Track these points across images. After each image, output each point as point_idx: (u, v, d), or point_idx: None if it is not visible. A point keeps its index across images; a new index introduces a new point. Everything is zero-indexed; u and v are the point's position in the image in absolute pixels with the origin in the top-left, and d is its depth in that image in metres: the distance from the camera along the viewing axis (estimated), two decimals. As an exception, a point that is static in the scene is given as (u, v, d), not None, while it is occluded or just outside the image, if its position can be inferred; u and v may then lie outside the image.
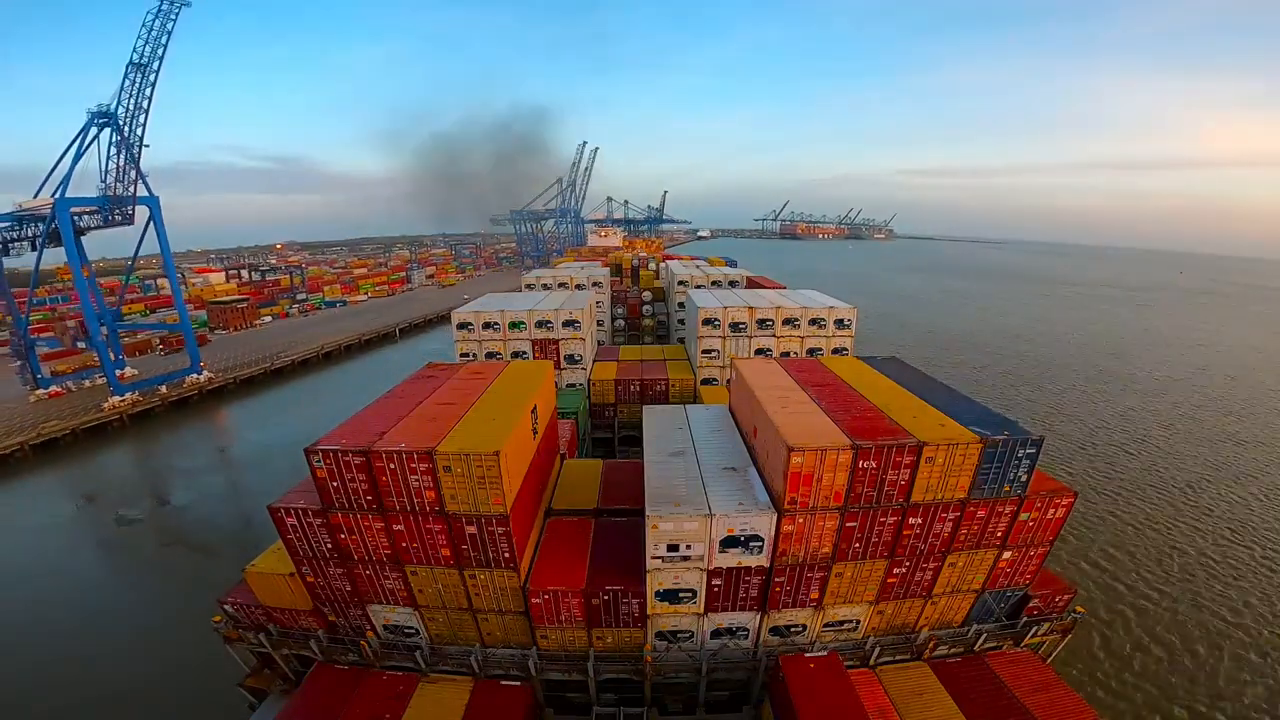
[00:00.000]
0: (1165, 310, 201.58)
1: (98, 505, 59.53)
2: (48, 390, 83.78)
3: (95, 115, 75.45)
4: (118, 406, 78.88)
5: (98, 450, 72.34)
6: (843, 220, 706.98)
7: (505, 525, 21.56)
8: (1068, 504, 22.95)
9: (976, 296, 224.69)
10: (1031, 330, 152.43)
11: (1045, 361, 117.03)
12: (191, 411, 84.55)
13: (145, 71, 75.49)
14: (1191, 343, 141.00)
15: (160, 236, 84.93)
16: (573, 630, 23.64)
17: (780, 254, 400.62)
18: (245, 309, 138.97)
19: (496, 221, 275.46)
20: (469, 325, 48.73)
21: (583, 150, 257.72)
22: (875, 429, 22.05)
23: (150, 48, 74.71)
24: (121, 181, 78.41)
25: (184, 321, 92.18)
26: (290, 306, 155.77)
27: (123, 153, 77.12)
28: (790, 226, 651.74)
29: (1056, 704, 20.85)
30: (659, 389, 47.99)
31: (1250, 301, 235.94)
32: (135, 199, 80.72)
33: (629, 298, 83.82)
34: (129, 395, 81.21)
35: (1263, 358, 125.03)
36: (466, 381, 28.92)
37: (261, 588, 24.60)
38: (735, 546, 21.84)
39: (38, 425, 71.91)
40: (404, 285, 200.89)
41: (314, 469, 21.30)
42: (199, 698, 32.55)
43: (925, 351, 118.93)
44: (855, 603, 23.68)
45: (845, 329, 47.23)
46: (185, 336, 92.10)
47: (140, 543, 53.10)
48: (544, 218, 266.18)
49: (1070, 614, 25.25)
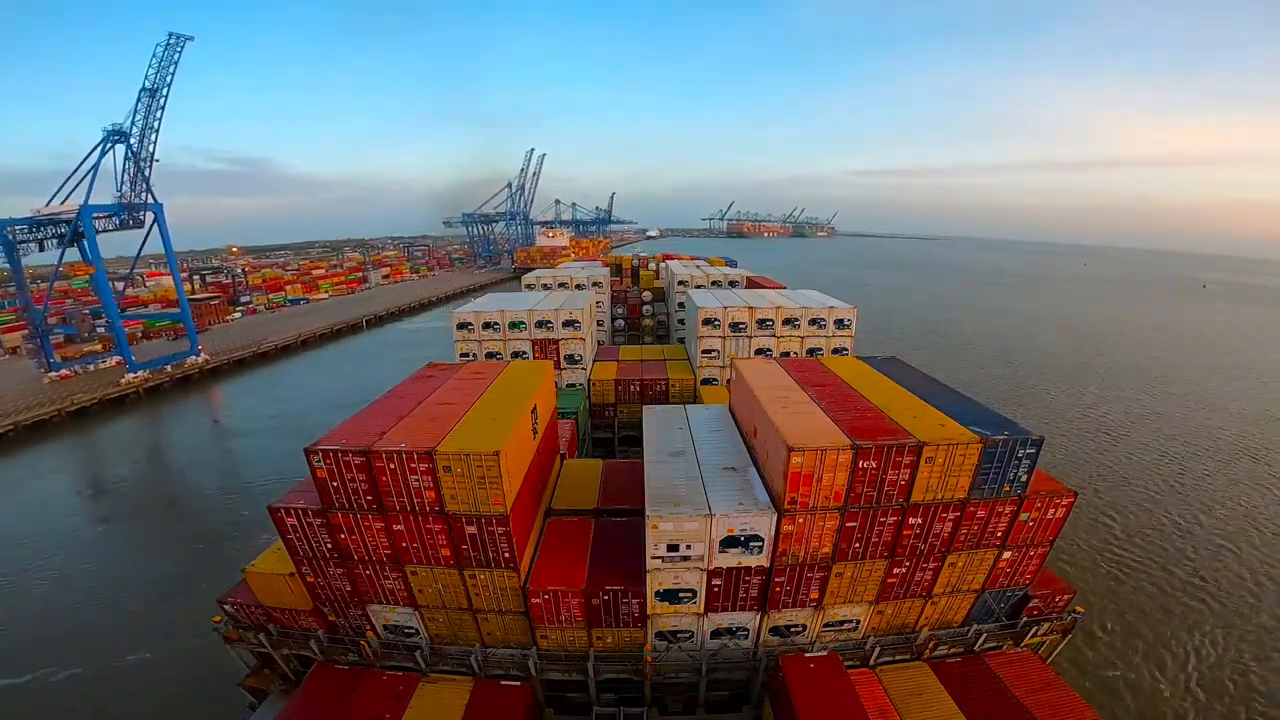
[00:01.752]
0: (1034, 294, 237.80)
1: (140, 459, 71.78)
2: (59, 373, 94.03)
3: (111, 133, 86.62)
4: (133, 382, 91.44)
5: (117, 418, 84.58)
6: (787, 219, 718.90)
7: (505, 525, 21.56)
8: (1068, 504, 22.94)
9: (879, 283, 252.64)
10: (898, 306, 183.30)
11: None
12: (193, 387, 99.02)
13: (156, 96, 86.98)
14: (1056, 320, 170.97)
15: (164, 238, 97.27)
16: (573, 630, 23.64)
17: (724, 253, 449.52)
18: (217, 305, 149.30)
19: (449, 224, 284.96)
20: (469, 325, 48.68)
21: (530, 156, 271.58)
22: (875, 429, 22.05)
23: (160, 75, 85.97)
24: (134, 190, 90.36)
25: (184, 311, 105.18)
26: (252, 305, 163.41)
27: (134, 165, 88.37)
28: (737, 225, 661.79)
29: (1056, 704, 20.85)
30: (659, 389, 47.99)
31: (1143, 288, 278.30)
32: (146, 205, 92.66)
33: (629, 298, 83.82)
34: (141, 373, 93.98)
35: (1104, 329, 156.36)
36: (467, 381, 28.92)
37: (261, 588, 24.59)
38: (735, 546, 21.84)
39: (70, 396, 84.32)
40: (362, 284, 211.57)
41: (314, 469, 21.29)
42: (199, 695, 32.64)
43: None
44: (855, 603, 23.67)
45: (845, 329, 47.25)
46: (185, 324, 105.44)
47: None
48: (494, 220, 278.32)
49: (1070, 614, 25.25)
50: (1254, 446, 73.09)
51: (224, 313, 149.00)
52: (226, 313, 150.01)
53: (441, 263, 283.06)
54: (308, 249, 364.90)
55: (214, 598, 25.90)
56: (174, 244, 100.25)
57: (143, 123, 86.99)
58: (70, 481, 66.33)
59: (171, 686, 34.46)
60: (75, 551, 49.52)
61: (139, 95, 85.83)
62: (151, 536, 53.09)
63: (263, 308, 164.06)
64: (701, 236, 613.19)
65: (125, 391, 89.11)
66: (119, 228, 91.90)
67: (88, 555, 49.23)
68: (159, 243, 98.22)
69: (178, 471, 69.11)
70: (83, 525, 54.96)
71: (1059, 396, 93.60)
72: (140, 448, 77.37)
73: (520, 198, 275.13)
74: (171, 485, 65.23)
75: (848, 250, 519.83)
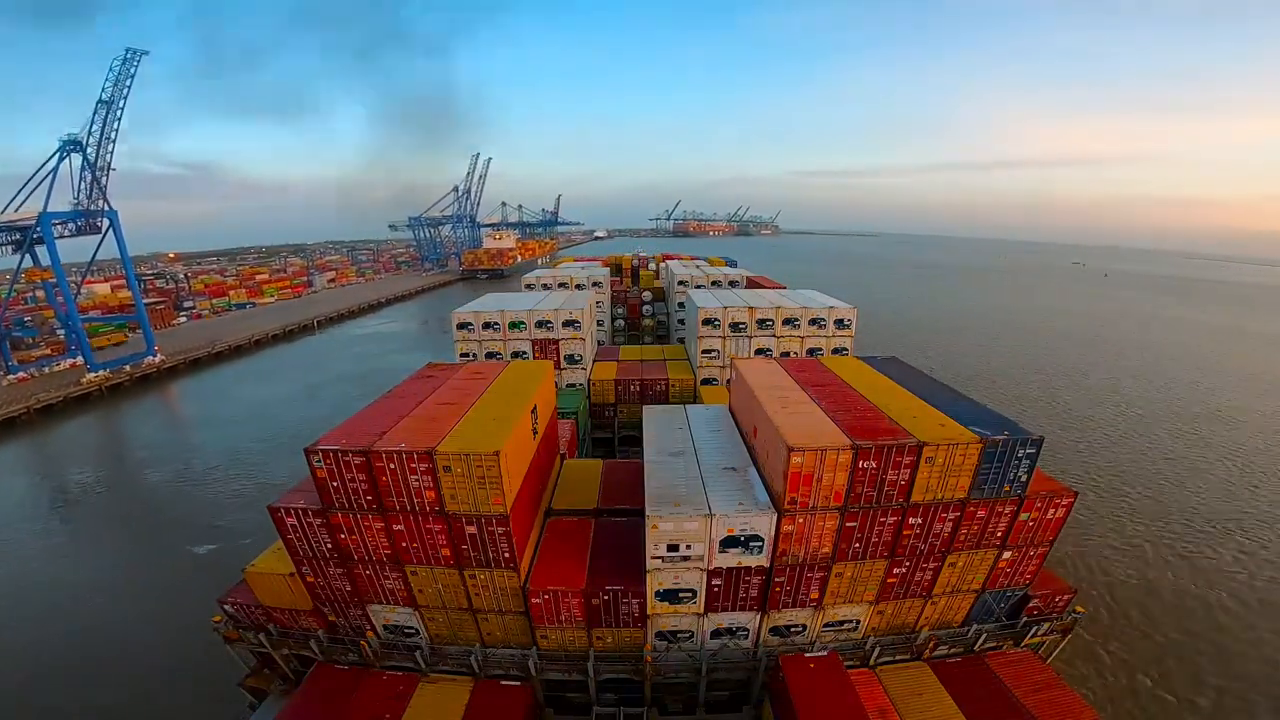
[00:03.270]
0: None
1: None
2: (16, 376, 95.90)
3: (66, 143, 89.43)
4: (94, 381, 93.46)
5: (77, 416, 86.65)
6: (732, 218, 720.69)
7: (505, 525, 21.56)
8: (1068, 504, 22.94)
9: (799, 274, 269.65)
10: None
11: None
12: (152, 385, 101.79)
13: (111, 108, 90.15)
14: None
15: (120, 244, 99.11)
16: (573, 630, 23.64)
17: (673, 252, 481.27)
18: (162, 310, 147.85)
19: (394, 227, 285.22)
20: (469, 325, 48.67)
21: (476, 160, 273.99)
22: (875, 429, 22.05)
23: (116, 89, 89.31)
24: (90, 198, 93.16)
25: (141, 314, 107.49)
26: (197, 310, 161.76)
27: (91, 174, 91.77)
28: (683, 225, 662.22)
29: (1056, 704, 20.85)
30: (659, 389, 47.99)
31: (1018, 276, 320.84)
32: (103, 212, 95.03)
33: (629, 298, 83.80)
34: (102, 372, 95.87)
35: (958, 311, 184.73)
36: (466, 381, 28.92)
37: (261, 588, 24.59)
38: (735, 546, 21.84)
39: (35, 395, 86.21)
40: (307, 289, 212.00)
41: (314, 469, 21.30)
42: (199, 695, 32.63)
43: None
44: (855, 603, 23.67)
45: (845, 329, 47.24)
46: (141, 325, 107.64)
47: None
48: (441, 223, 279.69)
49: (1070, 614, 25.25)
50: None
51: (169, 318, 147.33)
52: (171, 318, 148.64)
53: (387, 266, 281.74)
54: (243, 254, 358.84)
55: (200, 588, 26.01)
56: (105, 252, 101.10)
57: (99, 133, 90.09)
58: (54, 472, 68.96)
59: (171, 687, 34.42)
60: (67, 545, 49.93)
61: (96, 107, 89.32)
62: (136, 529, 53.98)
63: (207, 312, 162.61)
64: (649, 236, 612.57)
65: (88, 390, 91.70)
66: (76, 234, 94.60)
67: (75, 550, 49.84)
68: (79, 251, 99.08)
69: (140, 464, 69.86)
70: (63, 517, 56.49)
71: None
72: (106, 440, 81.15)
73: (466, 201, 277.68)
74: (138, 476, 66.76)
75: (789, 247, 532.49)
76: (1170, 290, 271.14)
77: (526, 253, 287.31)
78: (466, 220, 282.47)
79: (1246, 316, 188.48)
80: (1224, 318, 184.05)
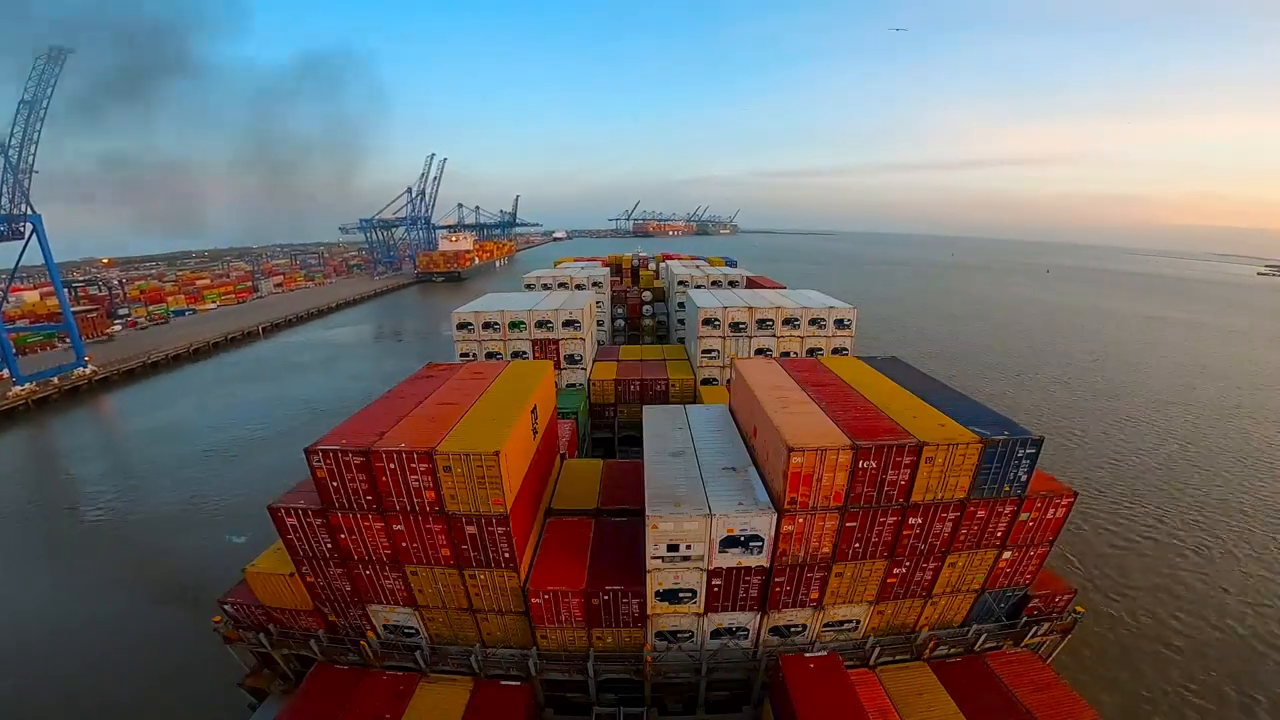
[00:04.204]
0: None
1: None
2: None
3: None
4: (20, 395, 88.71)
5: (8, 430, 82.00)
6: (691, 218, 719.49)
7: (505, 525, 21.56)
8: (1068, 504, 22.94)
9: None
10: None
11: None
12: (82, 399, 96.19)
13: (34, 108, 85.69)
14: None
15: (44, 250, 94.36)
16: (573, 630, 23.64)
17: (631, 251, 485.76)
18: (95, 318, 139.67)
19: (345, 230, 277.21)
20: (469, 325, 48.70)
21: (431, 161, 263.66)
22: (875, 429, 22.05)
23: (40, 88, 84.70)
24: (13, 202, 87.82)
25: (69, 322, 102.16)
26: (132, 318, 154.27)
27: (13, 177, 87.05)
28: (642, 225, 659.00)
29: (1056, 704, 20.83)
30: (659, 389, 48.00)
31: (972, 271, 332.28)
32: (25, 216, 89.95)
33: (629, 298, 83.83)
34: (28, 385, 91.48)
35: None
36: (466, 381, 28.93)
37: (261, 588, 24.59)
38: (735, 546, 21.84)
39: None
40: (253, 294, 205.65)
41: (314, 469, 21.30)
42: (199, 695, 32.58)
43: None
44: (855, 603, 23.67)
45: (845, 329, 47.26)
46: (70, 334, 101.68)
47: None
48: (394, 225, 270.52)
49: (1070, 614, 25.25)
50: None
51: (102, 326, 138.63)
52: (105, 326, 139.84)
53: (338, 270, 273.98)
54: (183, 259, 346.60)
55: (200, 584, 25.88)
56: (33, 258, 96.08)
57: (21, 134, 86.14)
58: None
59: (170, 686, 34.41)
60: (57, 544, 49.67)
61: (18, 107, 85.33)
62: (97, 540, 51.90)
63: (143, 320, 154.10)
64: (608, 237, 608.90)
65: (14, 404, 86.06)
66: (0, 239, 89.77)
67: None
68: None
69: (77, 480, 65.61)
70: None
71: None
72: (38, 457, 76.81)
73: (421, 203, 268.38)
74: (72, 489, 63.14)
75: (747, 246, 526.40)
76: (1089, 281, 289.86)
77: (484, 255, 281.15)
78: (421, 222, 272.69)
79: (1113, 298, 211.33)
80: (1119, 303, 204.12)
